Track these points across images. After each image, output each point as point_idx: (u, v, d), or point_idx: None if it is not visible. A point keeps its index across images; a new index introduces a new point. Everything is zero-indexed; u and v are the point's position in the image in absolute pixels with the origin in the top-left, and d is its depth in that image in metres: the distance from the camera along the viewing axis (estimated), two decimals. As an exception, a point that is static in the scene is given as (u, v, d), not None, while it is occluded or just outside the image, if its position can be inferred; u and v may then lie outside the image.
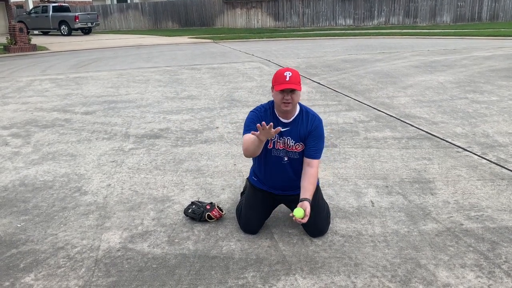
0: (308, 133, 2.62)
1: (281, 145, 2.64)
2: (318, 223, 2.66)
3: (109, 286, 2.25)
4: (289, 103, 2.50)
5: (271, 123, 2.30)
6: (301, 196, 2.52)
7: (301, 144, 2.64)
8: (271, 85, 2.59)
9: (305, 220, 2.45)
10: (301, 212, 2.42)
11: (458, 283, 2.19)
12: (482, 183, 3.39)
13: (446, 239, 2.60)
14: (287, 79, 2.45)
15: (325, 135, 2.73)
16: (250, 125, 2.60)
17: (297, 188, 2.73)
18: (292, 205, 2.77)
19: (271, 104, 2.67)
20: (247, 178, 3.03)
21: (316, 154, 2.64)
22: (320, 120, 2.67)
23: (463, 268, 2.32)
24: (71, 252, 2.56)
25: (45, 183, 3.61)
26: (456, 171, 3.64)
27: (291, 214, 2.47)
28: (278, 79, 2.50)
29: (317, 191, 2.75)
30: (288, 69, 2.51)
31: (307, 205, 2.47)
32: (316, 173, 2.64)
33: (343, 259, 2.43)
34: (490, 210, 2.94)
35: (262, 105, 2.71)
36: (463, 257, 2.41)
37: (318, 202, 2.71)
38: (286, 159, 2.67)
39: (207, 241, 2.64)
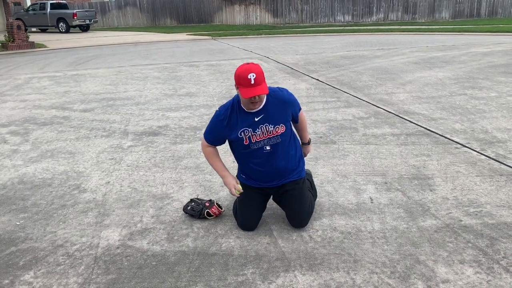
0: (288, 109, 2.64)
1: (258, 137, 2.58)
2: (300, 214, 2.68)
3: (109, 283, 2.25)
4: (256, 102, 2.49)
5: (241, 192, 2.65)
6: (301, 141, 2.93)
7: (281, 126, 2.58)
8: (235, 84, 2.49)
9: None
10: None
11: (457, 279, 2.20)
12: (481, 179, 3.40)
13: (445, 235, 2.60)
14: (252, 82, 2.37)
15: (324, 131, 2.75)
16: (211, 132, 2.69)
17: (287, 174, 2.70)
18: (283, 198, 2.74)
19: (236, 99, 2.60)
20: (236, 176, 2.90)
21: (299, 111, 2.78)
22: (284, 90, 2.69)
23: (462, 264, 2.32)
24: (71, 250, 2.56)
25: (44, 181, 3.61)
26: (455, 167, 3.65)
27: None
28: (242, 81, 2.40)
29: (303, 183, 2.76)
30: (250, 68, 2.40)
31: (304, 149, 2.94)
32: (305, 117, 2.90)
33: (342, 255, 2.43)
34: (489, 206, 2.95)
35: (227, 104, 2.63)
36: (462, 253, 2.42)
37: (302, 193, 2.72)
38: (268, 148, 2.61)
39: (207, 238, 2.65)
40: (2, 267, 2.41)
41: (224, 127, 2.60)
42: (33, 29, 25.01)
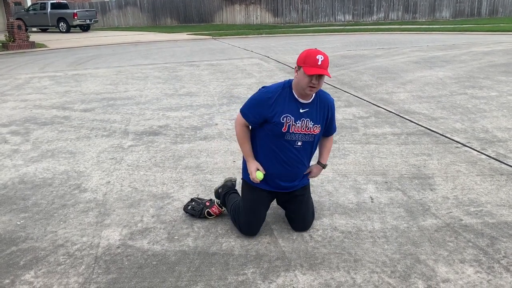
0: (327, 112, 2.60)
1: (297, 129, 2.50)
2: (306, 218, 2.69)
3: (109, 283, 2.25)
4: (314, 87, 2.41)
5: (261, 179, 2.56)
6: (318, 160, 2.78)
7: (318, 126, 2.55)
8: (296, 66, 2.43)
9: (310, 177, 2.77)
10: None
11: (457, 279, 2.20)
12: (481, 178, 3.40)
13: (446, 235, 2.60)
14: (319, 63, 2.33)
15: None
16: (252, 108, 2.52)
17: (299, 179, 2.68)
18: (290, 203, 2.72)
19: (287, 83, 2.53)
20: (242, 178, 2.78)
21: (334, 130, 2.74)
22: (330, 96, 2.66)
23: (463, 263, 2.33)
24: (71, 249, 2.56)
25: (44, 181, 3.61)
26: (455, 166, 3.64)
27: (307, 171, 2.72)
28: (309, 61, 2.35)
29: (308, 188, 2.77)
30: (319, 51, 2.38)
31: (314, 167, 2.75)
32: (332, 141, 2.85)
33: (342, 255, 2.43)
34: (489, 206, 2.95)
35: (278, 85, 2.55)
36: (463, 253, 2.42)
37: (309, 197, 2.75)
38: (299, 143, 2.54)
39: (207, 238, 2.65)
40: (2, 266, 2.42)
41: (269, 105, 2.47)
42: (34, 29, 25.02)
